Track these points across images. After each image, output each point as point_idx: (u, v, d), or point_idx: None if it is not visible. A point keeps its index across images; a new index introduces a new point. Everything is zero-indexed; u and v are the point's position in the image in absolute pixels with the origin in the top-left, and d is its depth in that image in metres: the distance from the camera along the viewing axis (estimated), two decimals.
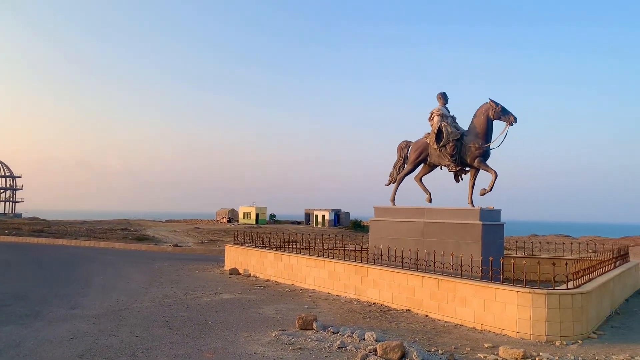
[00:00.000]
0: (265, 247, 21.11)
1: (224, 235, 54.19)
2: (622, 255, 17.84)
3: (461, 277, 12.28)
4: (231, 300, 14.57)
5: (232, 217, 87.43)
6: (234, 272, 20.80)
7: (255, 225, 70.77)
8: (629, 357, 9.09)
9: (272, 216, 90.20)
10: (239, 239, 23.15)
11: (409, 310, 13.20)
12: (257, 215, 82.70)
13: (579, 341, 10.20)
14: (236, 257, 22.03)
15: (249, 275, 20.28)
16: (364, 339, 9.95)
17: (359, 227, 72.88)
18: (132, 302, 13.80)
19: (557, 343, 10.04)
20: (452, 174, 17.25)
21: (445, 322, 11.99)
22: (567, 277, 11.13)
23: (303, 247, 19.63)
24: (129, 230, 55.62)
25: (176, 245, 40.00)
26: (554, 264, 11.09)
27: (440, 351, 9.31)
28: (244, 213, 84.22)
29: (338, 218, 79.35)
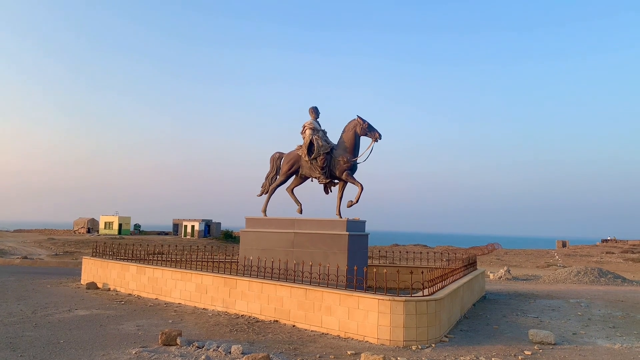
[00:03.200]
0: (128, 259, 19.91)
1: (82, 247, 50.27)
2: (471, 264, 19.65)
3: (328, 287, 12.62)
4: (87, 317, 13.46)
5: (92, 227, 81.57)
6: (92, 286, 19.30)
7: (118, 236, 66.71)
8: (474, 358, 9.98)
9: (137, 226, 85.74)
10: (98, 250, 21.58)
11: (277, 321, 13.24)
12: (120, 225, 78.10)
13: (433, 345, 10.99)
14: (95, 270, 20.47)
15: (109, 289, 18.95)
16: (230, 352, 9.77)
17: (230, 237, 72.03)
18: None
19: (414, 347, 10.72)
20: (322, 186, 17.75)
21: (312, 331, 12.22)
22: (423, 284, 11.96)
23: (169, 259, 18.82)
24: None
25: (25, 257, 36.15)
26: (411, 273, 11.89)
27: None
28: (106, 223, 79.00)
29: (208, 229, 77.66)
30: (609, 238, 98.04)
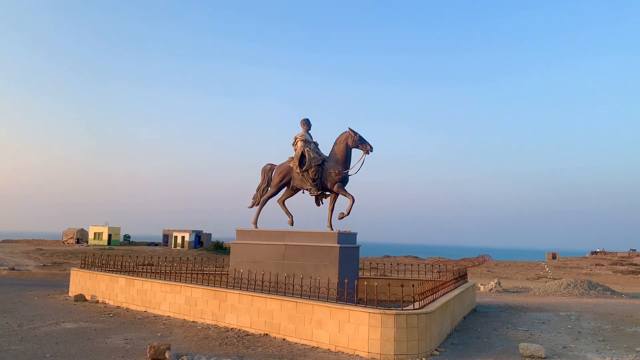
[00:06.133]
0: (117, 271, 19.72)
1: (71, 258, 49.76)
2: (462, 276, 19.67)
3: (318, 300, 12.56)
4: (75, 330, 13.29)
5: (81, 237, 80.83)
6: (80, 298, 19.08)
7: (107, 247, 66.06)
8: None
9: (127, 237, 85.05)
10: (87, 261, 21.36)
11: (267, 334, 13.14)
12: (110, 236, 77.45)
13: (424, 358, 10.95)
14: (83, 282, 20.24)
15: (97, 301, 18.74)
16: None
17: (220, 249, 71.67)
18: None
19: None
20: (313, 198, 17.73)
21: (302, 345, 12.13)
22: (414, 297, 11.94)
23: (159, 271, 18.67)
24: None
25: (13, 268, 35.63)
26: (402, 286, 11.88)
27: None
28: (95, 233, 78.31)
29: (199, 240, 77.18)
30: (598, 250, 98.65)
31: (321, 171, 17.11)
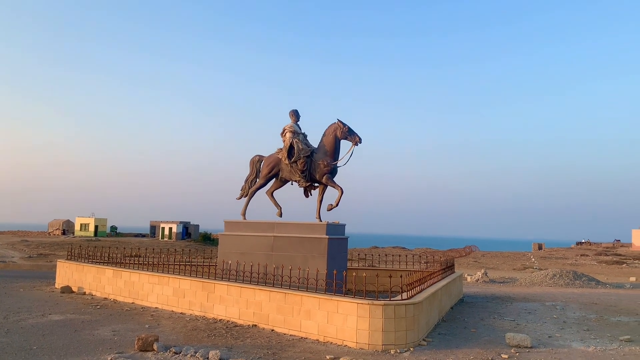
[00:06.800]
0: (104, 262, 19.60)
1: (57, 249, 49.30)
2: (449, 267, 19.81)
3: (307, 291, 12.59)
4: (61, 322, 13.20)
5: (67, 228, 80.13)
6: (67, 290, 18.94)
7: (94, 238, 65.61)
8: None
9: (114, 228, 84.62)
10: (73, 253, 21.19)
11: (255, 325, 13.15)
12: (97, 227, 76.94)
13: (411, 349, 11.03)
14: (70, 273, 20.08)
15: (84, 293, 18.62)
16: (207, 358, 9.67)
17: (208, 240, 71.49)
18: None
19: (392, 351, 10.75)
20: (302, 189, 17.70)
21: (291, 335, 12.17)
22: (401, 288, 12.00)
23: (146, 262, 18.57)
24: None
25: None
26: (390, 276, 11.92)
27: None
28: (81, 225, 77.73)
29: (187, 231, 76.91)
30: (583, 240, 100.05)
31: (310, 162, 17.07)
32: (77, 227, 78.33)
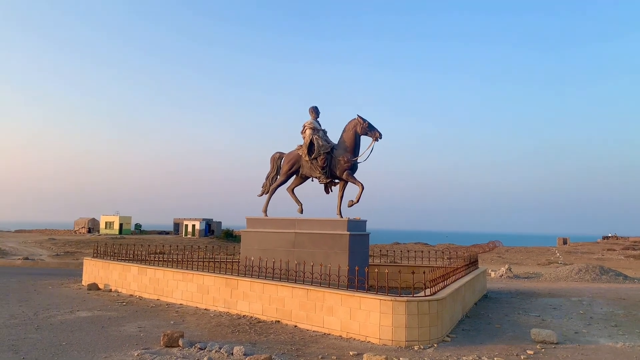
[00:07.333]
0: (129, 259, 19.92)
1: (83, 247, 50.33)
2: (473, 262, 19.62)
3: (329, 287, 12.61)
4: (89, 319, 13.46)
5: (93, 227, 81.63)
6: (93, 287, 19.30)
7: (119, 236, 66.78)
8: (477, 357, 9.98)
9: (138, 226, 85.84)
10: (99, 251, 21.58)
11: (278, 321, 13.23)
12: (121, 225, 78.22)
13: (435, 345, 10.98)
14: (96, 271, 20.47)
15: (110, 290, 18.95)
16: (232, 353, 9.76)
17: (231, 237, 72.04)
18: None
19: (416, 347, 10.71)
20: (322, 185, 17.71)
21: (314, 331, 12.21)
22: (424, 284, 11.94)
23: (170, 259, 18.82)
24: None
25: (27, 258, 36.10)
26: (413, 272, 11.87)
27: None
28: (106, 223, 79.10)
29: (209, 228, 77.66)
30: (609, 235, 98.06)
31: (330, 159, 17.06)
32: (102, 225, 79.72)
